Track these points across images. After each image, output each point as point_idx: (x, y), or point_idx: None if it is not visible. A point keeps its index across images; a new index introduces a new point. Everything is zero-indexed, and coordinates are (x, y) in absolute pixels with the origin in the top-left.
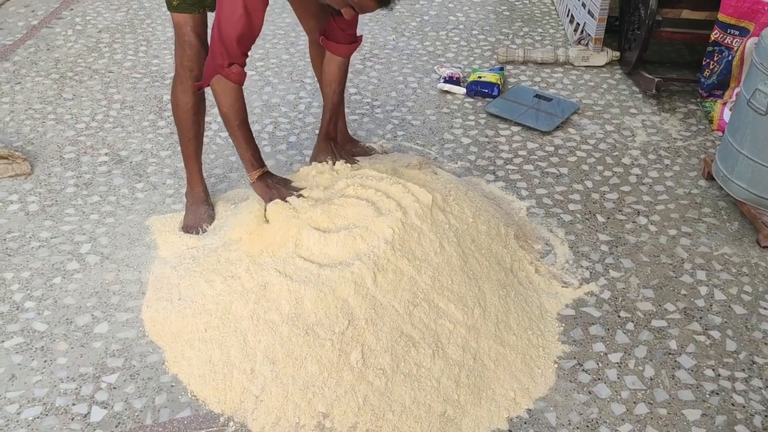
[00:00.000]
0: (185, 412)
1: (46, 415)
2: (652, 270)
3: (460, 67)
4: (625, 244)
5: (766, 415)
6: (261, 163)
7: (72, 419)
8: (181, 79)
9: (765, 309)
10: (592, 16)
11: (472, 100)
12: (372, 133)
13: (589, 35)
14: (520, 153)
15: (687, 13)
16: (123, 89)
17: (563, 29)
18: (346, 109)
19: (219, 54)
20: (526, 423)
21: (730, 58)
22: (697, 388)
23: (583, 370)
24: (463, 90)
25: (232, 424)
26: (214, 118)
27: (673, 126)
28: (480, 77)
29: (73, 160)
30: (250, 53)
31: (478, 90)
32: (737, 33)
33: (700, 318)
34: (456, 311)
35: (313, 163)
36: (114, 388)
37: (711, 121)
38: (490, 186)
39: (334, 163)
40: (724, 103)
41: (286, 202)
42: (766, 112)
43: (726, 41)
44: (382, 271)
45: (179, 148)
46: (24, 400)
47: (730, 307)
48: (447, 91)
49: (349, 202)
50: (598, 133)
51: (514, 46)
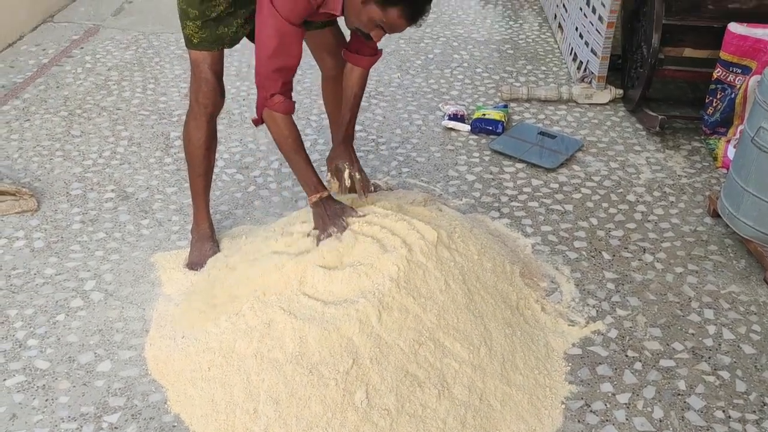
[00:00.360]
0: None
1: None
2: (659, 308)
3: (464, 105)
4: (632, 281)
5: None
6: (318, 188)
7: None
8: (194, 115)
9: None
10: (595, 55)
11: (476, 137)
12: (377, 170)
13: (592, 73)
14: (525, 190)
15: (689, 52)
16: (131, 126)
17: (566, 67)
18: None
19: (262, 87)
20: None
21: (732, 96)
22: (708, 430)
23: (591, 411)
24: (467, 127)
25: None
26: (219, 155)
27: (677, 163)
28: (484, 114)
29: (79, 197)
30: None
31: (483, 127)
32: (739, 71)
33: (709, 358)
34: (462, 350)
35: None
36: (115, 428)
37: (715, 159)
38: (495, 223)
39: (350, 171)
40: (728, 141)
41: (338, 237)
42: None
43: (728, 79)
44: (387, 309)
45: (185, 185)
46: None
47: (739, 346)
48: (451, 129)
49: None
50: (603, 170)
51: (518, 84)
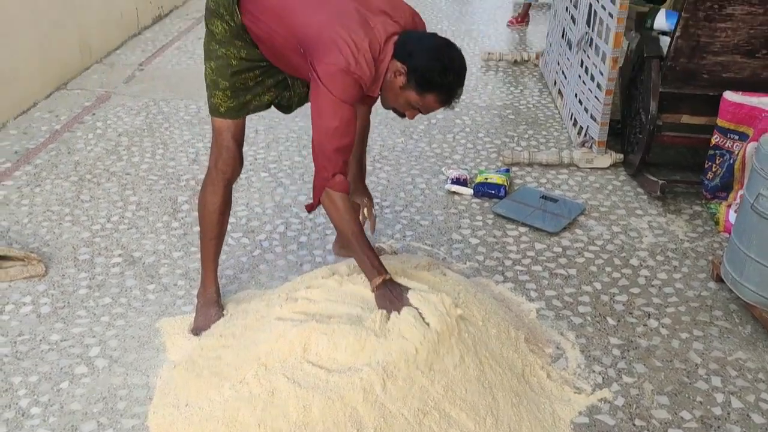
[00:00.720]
0: None
1: None
2: (665, 375)
3: (466, 169)
4: (637, 347)
5: None
6: (381, 270)
7: None
8: (212, 180)
9: None
10: (595, 120)
11: (479, 200)
12: (381, 233)
13: (592, 138)
14: (528, 254)
15: (687, 118)
16: (139, 191)
17: (567, 132)
18: None
19: (323, 168)
20: None
21: (731, 161)
22: None
23: None
24: (470, 191)
25: None
26: None
27: (679, 227)
28: (486, 179)
29: (87, 262)
30: (263, 155)
31: (485, 191)
32: (737, 137)
33: (718, 427)
34: (468, 420)
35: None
36: None
37: (717, 223)
38: (499, 287)
39: (369, 208)
40: (729, 205)
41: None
42: None
43: (726, 145)
44: (391, 377)
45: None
46: None
47: (748, 415)
48: (454, 192)
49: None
50: (605, 234)
51: (519, 149)
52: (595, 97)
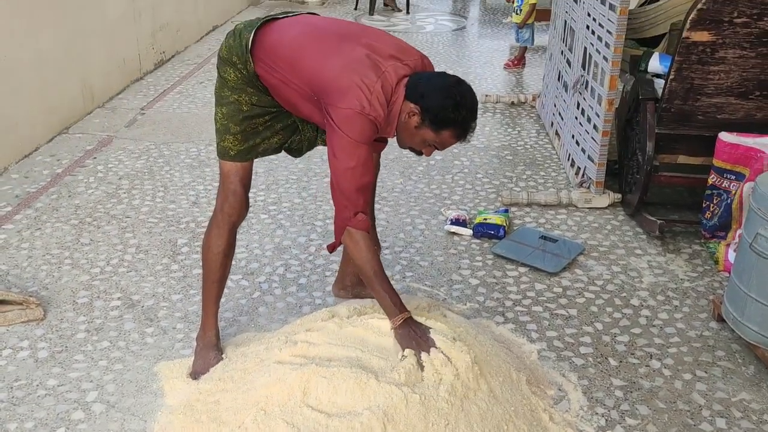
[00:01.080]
0: None
1: None
2: (669, 417)
3: (465, 209)
4: (640, 389)
5: None
6: (402, 309)
7: None
8: (218, 223)
9: None
10: (592, 161)
11: (478, 241)
12: None
13: (590, 178)
14: (529, 294)
15: (683, 159)
16: (139, 234)
17: (565, 172)
18: None
19: (344, 208)
20: None
21: (729, 201)
22: None
23: None
24: (469, 231)
25: None
26: None
27: (679, 267)
28: (486, 219)
29: (85, 305)
30: (263, 197)
31: (485, 231)
32: (733, 177)
33: None
34: None
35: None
36: None
37: (716, 262)
38: (500, 328)
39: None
40: (728, 245)
41: (428, 353)
42: None
43: (723, 185)
44: (392, 422)
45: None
46: None
47: None
48: (454, 233)
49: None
50: (605, 274)
51: (518, 189)
52: (592, 138)
